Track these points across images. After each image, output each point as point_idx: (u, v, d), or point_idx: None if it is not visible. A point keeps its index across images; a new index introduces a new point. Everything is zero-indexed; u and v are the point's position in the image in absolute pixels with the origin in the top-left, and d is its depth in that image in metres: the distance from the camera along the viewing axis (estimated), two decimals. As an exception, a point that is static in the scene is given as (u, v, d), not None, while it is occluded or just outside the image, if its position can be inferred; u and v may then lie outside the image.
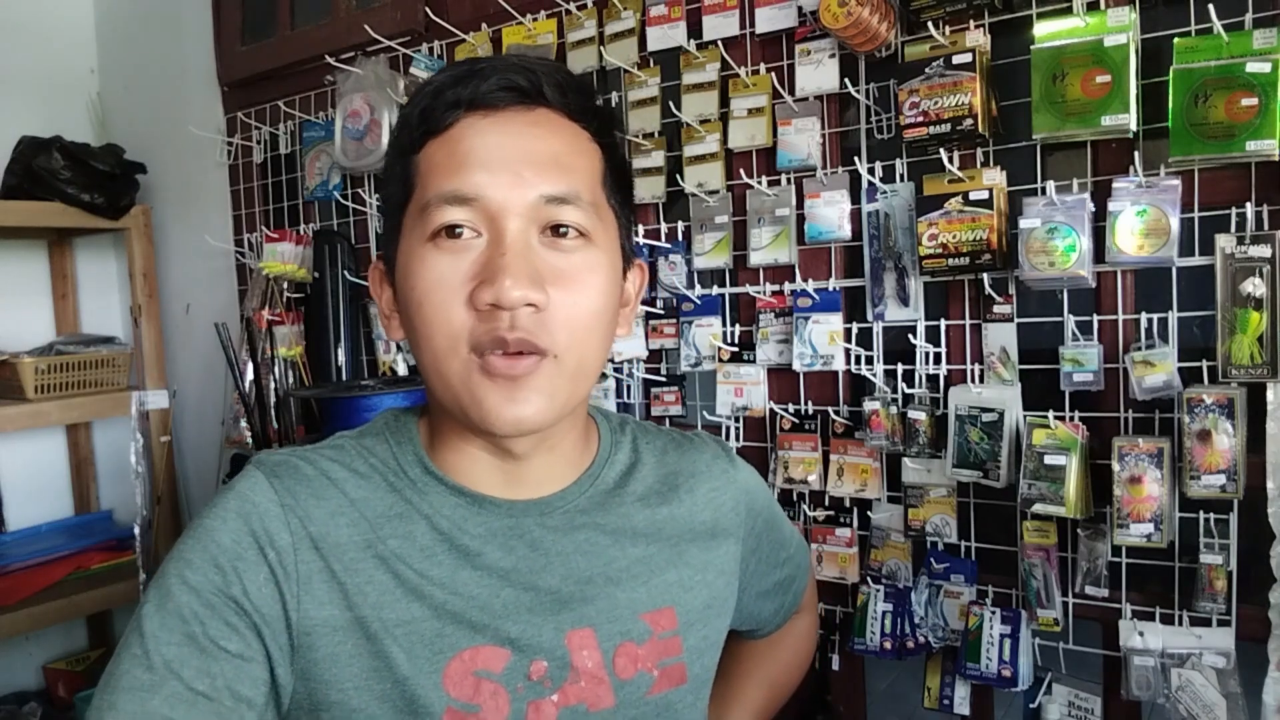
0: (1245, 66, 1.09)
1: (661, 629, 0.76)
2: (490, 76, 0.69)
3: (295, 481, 0.70)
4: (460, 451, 0.74)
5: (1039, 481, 1.23)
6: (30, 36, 2.51)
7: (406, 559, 0.69)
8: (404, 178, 0.71)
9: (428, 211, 0.68)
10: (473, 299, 0.66)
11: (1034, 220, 1.23)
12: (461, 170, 0.67)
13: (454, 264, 0.67)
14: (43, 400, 2.20)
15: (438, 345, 0.68)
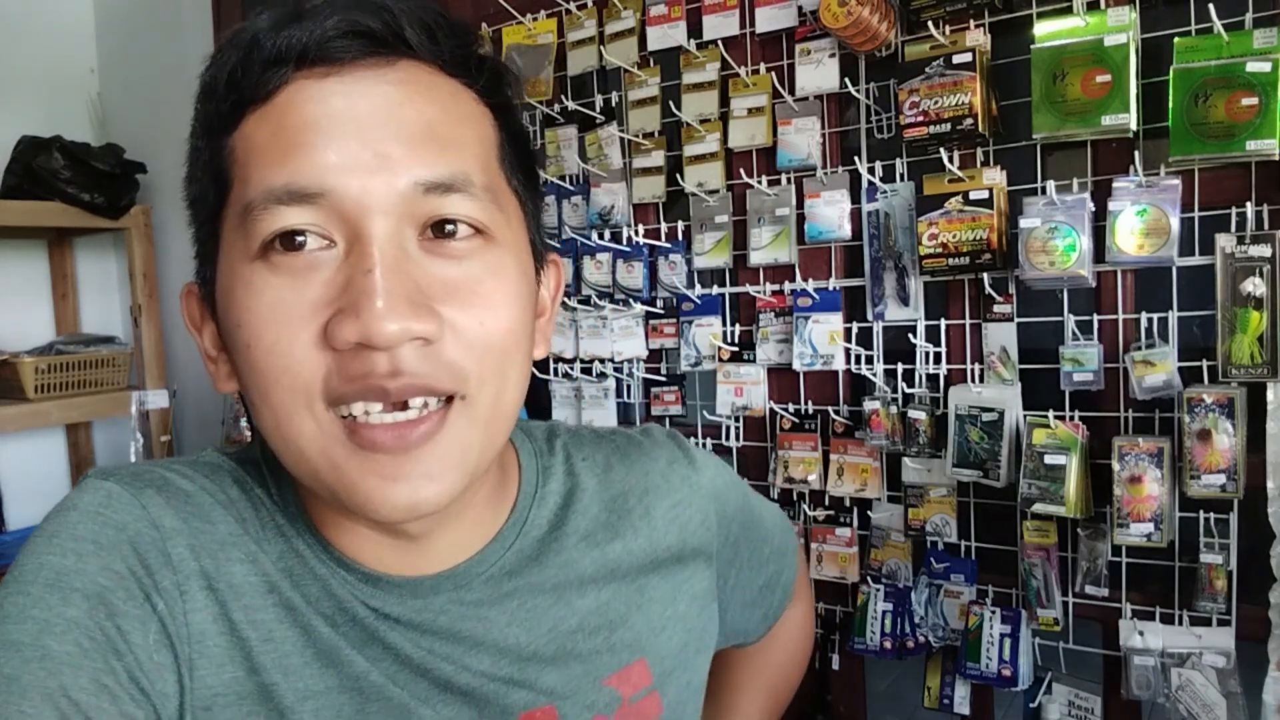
0: (1245, 66, 1.09)
1: (633, 689, 0.62)
2: (327, 18, 0.48)
3: (170, 496, 0.51)
4: (340, 522, 0.55)
5: (1039, 481, 1.23)
6: (30, 36, 2.51)
7: (315, 613, 0.53)
8: (215, 169, 0.51)
9: (252, 216, 0.48)
10: (328, 335, 0.47)
11: (1034, 220, 1.23)
12: (296, 153, 0.47)
13: (295, 287, 0.48)
14: (43, 400, 2.20)
15: (279, 402, 0.48)
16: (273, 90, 0.49)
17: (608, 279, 1.65)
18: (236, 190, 0.50)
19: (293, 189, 0.47)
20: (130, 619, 0.47)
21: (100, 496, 0.50)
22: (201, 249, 0.54)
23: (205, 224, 0.53)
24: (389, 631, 0.55)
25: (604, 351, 1.66)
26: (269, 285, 0.48)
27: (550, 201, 1.73)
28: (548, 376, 1.75)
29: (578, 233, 1.68)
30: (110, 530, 0.49)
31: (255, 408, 0.50)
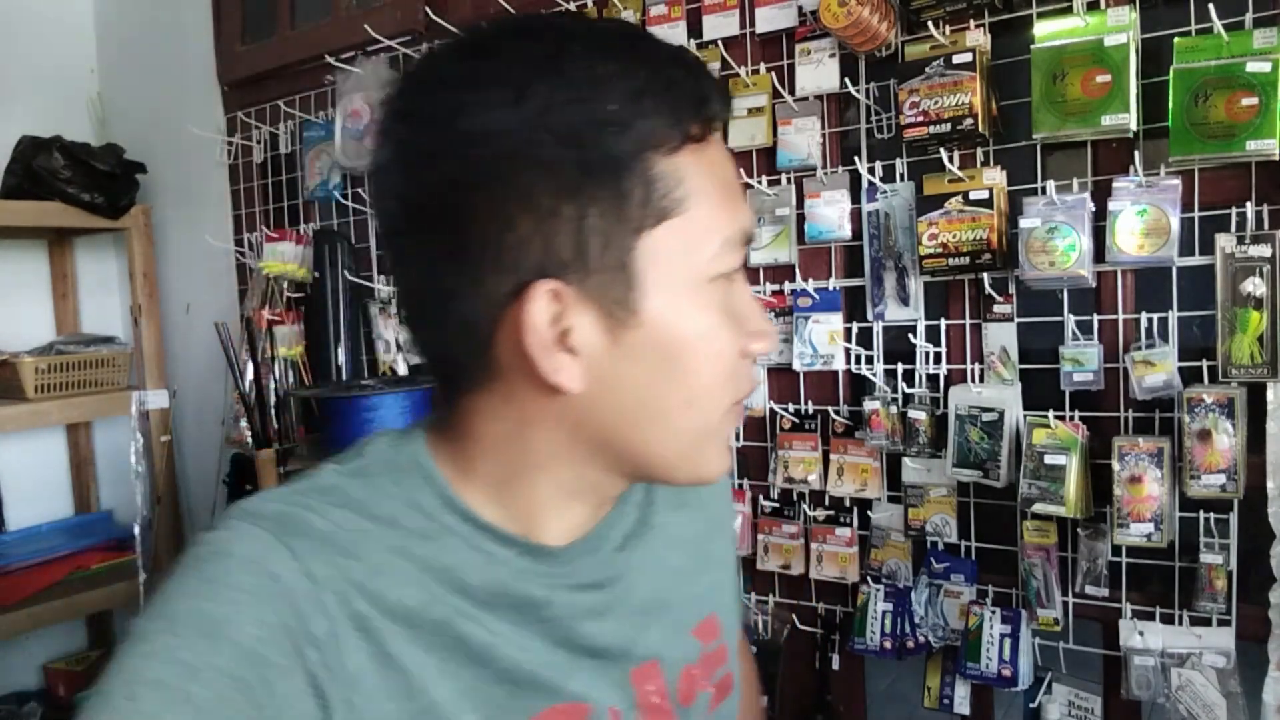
0: (1245, 66, 1.09)
1: (709, 640, 0.71)
2: (711, 82, 0.56)
3: (314, 542, 0.54)
4: (530, 499, 0.61)
5: (1039, 481, 1.23)
6: (30, 36, 2.51)
7: (468, 616, 0.57)
8: (645, 179, 0.53)
9: (717, 248, 0.56)
10: (744, 351, 0.59)
11: (1034, 220, 1.23)
12: (738, 200, 0.58)
13: (724, 308, 0.57)
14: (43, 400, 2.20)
15: (712, 400, 0.58)
16: (705, 136, 0.56)
17: (608, 279, 1.65)
18: (691, 216, 0.54)
19: (747, 233, 0.58)
20: (276, 670, 0.49)
21: (256, 546, 0.52)
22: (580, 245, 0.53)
23: (612, 223, 0.53)
24: (549, 595, 0.60)
25: (604, 351, 1.66)
26: (710, 307, 0.56)
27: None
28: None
29: (578, 233, 1.68)
30: (265, 581, 0.51)
31: (662, 404, 0.57)
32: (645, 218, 0.53)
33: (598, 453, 0.59)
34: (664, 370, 0.56)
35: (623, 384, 0.56)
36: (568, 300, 0.53)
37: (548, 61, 0.52)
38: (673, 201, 0.54)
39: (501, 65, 0.53)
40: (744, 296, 0.60)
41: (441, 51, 0.57)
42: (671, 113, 0.53)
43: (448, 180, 0.53)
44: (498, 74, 0.52)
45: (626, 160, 0.52)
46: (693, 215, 0.54)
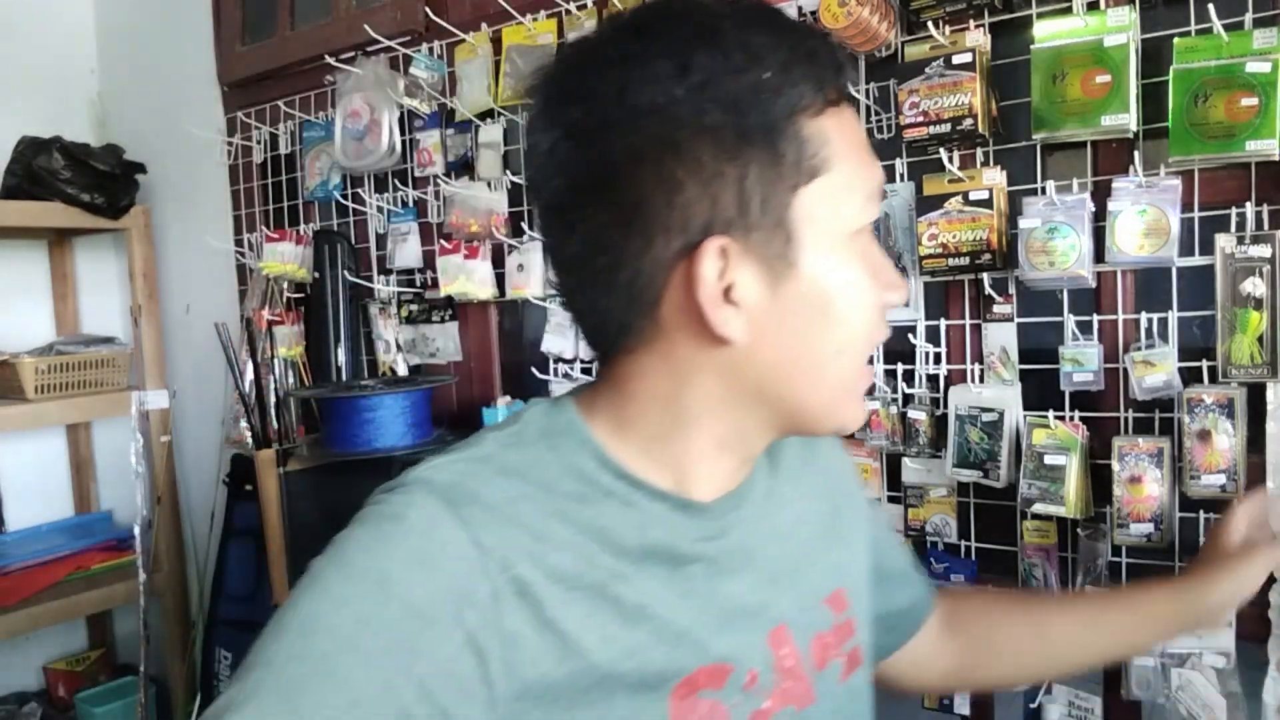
0: (1245, 66, 1.09)
1: (839, 611, 0.73)
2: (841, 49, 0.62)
3: (480, 510, 0.58)
4: (684, 453, 0.64)
5: (1039, 481, 1.23)
6: (30, 36, 2.51)
7: (624, 578, 0.60)
8: (797, 141, 0.58)
9: (861, 203, 0.61)
10: (883, 299, 0.63)
11: (1034, 220, 1.23)
12: (872, 158, 0.62)
13: (866, 260, 0.62)
14: (43, 400, 2.20)
15: (860, 349, 0.63)
16: (840, 100, 0.61)
17: (608, 279, 1.65)
18: (838, 173, 0.59)
19: (879, 191, 0.63)
20: (438, 628, 0.53)
21: (428, 514, 0.57)
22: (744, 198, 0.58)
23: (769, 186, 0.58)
24: (699, 552, 0.64)
25: (604, 352, 1.66)
26: (855, 259, 0.61)
27: (550, 202, 1.72)
28: (547, 377, 1.75)
29: (578, 233, 1.68)
30: (435, 547, 0.55)
31: (814, 353, 0.61)
32: (799, 176, 0.58)
33: (752, 404, 0.63)
34: (818, 320, 0.60)
35: (780, 334, 0.60)
36: (732, 256, 0.58)
37: (706, 38, 0.57)
38: (820, 160, 0.59)
39: (663, 44, 0.57)
40: (875, 250, 0.64)
41: (601, 35, 0.62)
42: (816, 79, 0.58)
43: (621, 152, 0.57)
44: (661, 51, 0.57)
45: (780, 124, 0.57)
46: (837, 172, 0.59)
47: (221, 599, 2.23)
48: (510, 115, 1.77)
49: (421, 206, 1.92)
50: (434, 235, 1.89)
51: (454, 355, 1.92)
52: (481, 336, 1.90)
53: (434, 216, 1.90)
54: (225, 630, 2.21)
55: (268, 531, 1.75)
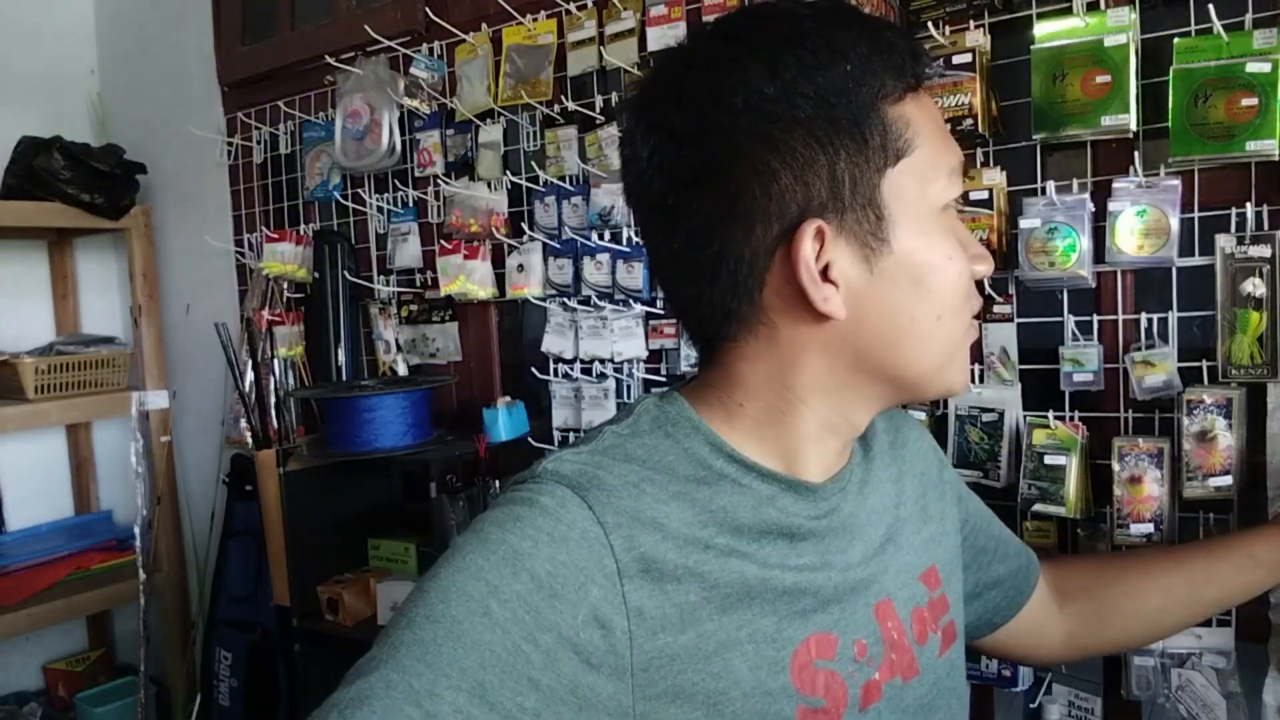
0: (1245, 66, 1.09)
1: (934, 587, 0.76)
2: (915, 40, 0.67)
3: (604, 493, 0.62)
4: (792, 436, 0.68)
5: (1039, 481, 1.23)
6: (30, 36, 2.52)
7: (741, 554, 0.64)
8: (881, 126, 0.62)
9: (949, 178, 0.66)
10: (974, 270, 0.67)
11: (1034, 220, 1.23)
12: (950, 138, 0.67)
13: (954, 233, 0.66)
14: (43, 400, 2.21)
15: (957, 315, 0.67)
16: (918, 86, 0.65)
17: (608, 279, 1.65)
18: (922, 152, 0.64)
19: (961, 168, 0.67)
20: (564, 601, 0.57)
21: (557, 498, 0.60)
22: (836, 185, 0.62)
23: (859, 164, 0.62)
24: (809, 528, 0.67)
25: (604, 352, 1.66)
26: (945, 233, 0.65)
27: (550, 202, 1.73)
28: (547, 377, 1.75)
29: (578, 233, 1.68)
30: (563, 526, 0.59)
31: (915, 323, 0.65)
32: (885, 158, 0.63)
33: (858, 376, 0.67)
34: (915, 291, 0.64)
35: (880, 308, 0.64)
36: (829, 236, 0.62)
37: (792, 38, 0.61)
38: (905, 142, 0.63)
39: (752, 46, 0.62)
40: (960, 225, 0.68)
41: (692, 44, 0.67)
42: (895, 69, 0.62)
43: (721, 149, 0.62)
44: (751, 54, 0.62)
45: (865, 111, 0.62)
46: (922, 152, 0.64)
47: (221, 599, 2.23)
48: (510, 115, 1.77)
49: (421, 207, 1.92)
50: (434, 235, 1.89)
51: (454, 355, 1.92)
52: (481, 337, 1.90)
53: (434, 217, 1.90)
54: (225, 630, 2.21)
55: (268, 531, 1.75)
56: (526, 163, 1.77)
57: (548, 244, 1.73)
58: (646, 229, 0.70)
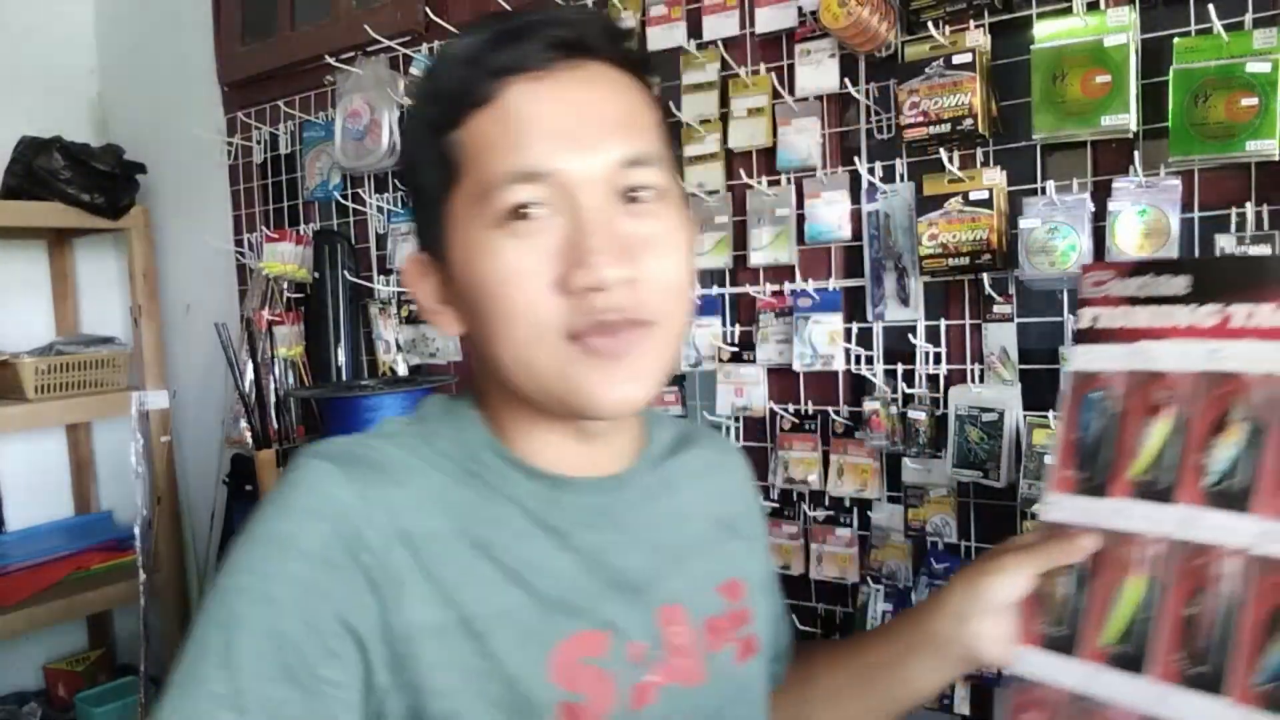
0: (1245, 66, 1.09)
1: (734, 599, 0.76)
2: (531, 36, 0.62)
3: (369, 470, 0.63)
4: (535, 436, 0.69)
5: (1039, 481, 1.23)
6: (30, 36, 2.51)
7: (501, 544, 0.64)
8: (444, 159, 0.64)
9: (490, 195, 0.61)
10: (564, 283, 0.60)
11: (1034, 220, 1.23)
12: (524, 144, 0.61)
13: (531, 247, 0.61)
14: (43, 400, 2.20)
15: (521, 335, 0.62)
16: (493, 95, 0.62)
17: (608, 279, 1.65)
18: (472, 175, 0.63)
19: (525, 171, 0.61)
20: (339, 570, 0.58)
21: (318, 473, 0.61)
22: (428, 224, 0.68)
23: (430, 204, 0.66)
24: (574, 526, 0.67)
25: (604, 352, 1.66)
26: (508, 247, 0.62)
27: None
28: (548, 377, 1.74)
29: (578, 233, 1.68)
30: (325, 500, 0.60)
31: (496, 342, 0.63)
32: (443, 187, 0.65)
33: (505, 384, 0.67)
34: (479, 309, 0.64)
35: (471, 324, 0.66)
36: (427, 262, 0.68)
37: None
38: (457, 166, 0.64)
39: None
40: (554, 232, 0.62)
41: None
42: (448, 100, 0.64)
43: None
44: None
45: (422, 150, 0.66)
46: (474, 172, 0.63)
47: (221, 599, 2.22)
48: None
49: (421, 206, 1.92)
50: (434, 235, 1.89)
51: (454, 355, 1.92)
52: (481, 336, 1.90)
53: (434, 216, 1.90)
54: (225, 630, 2.20)
55: (268, 531, 1.74)
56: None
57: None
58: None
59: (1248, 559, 0.58)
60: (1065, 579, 0.65)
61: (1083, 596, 0.64)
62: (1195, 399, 0.62)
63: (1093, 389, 0.67)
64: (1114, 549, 0.64)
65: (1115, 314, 0.67)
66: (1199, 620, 0.59)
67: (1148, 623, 0.61)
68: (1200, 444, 0.61)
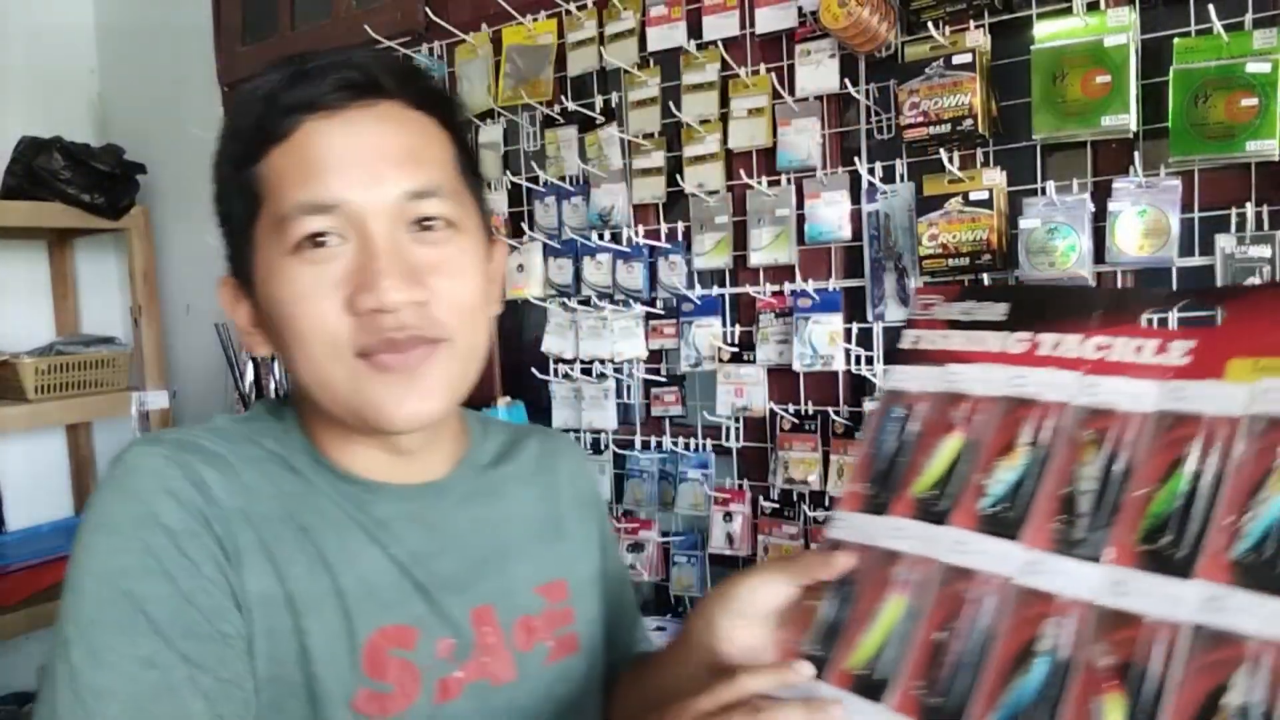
0: (1245, 67, 1.09)
1: (555, 600, 0.79)
2: (324, 76, 0.67)
3: (203, 457, 0.67)
4: (346, 448, 0.73)
5: (1039, 482, 1.23)
6: (30, 36, 2.51)
7: (322, 533, 0.68)
8: (246, 190, 0.69)
9: (285, 224, 0.66)
10: (352, 304, 0.65)
11: (1034, 220, 1.23)
12: (316, 177, 0.66)
13: (322, 272, 0.66)
14: (43, 400, 2.20)
15: (315, 354, 0.67)
16: (289, 131, 0.67)
17: (608, 280, 1.65)
18: (269, 206, 0.67)
19: (316, 203, 0.65)
20: (201, 538, 0.63)
21: (156, 459, 0.65)
22: (235, 251, 0.73)
23: (238, 232, 0.71)
24: (385, 528, 0.71)
25: (604, 352, 1.66)
26: (302, 273, 0.66)
27: (550, 202, 1.73)
28: (548, 377, 1.75)
29: (578, 233, 1.68)
30: (170, 482, 0.64)
31: (295, 361, 0.68)
32: (244, 218, 0.70)
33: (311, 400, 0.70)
34: (279, 330, 0.68)
35: (276, 345, 0.70)
36: (236, 287, 0.73)
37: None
38: (255, 198, 0.68)
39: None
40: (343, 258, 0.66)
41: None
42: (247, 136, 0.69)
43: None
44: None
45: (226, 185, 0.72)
46: (272, 203, 0.67)
47: (221, 599, 2.23)
48: (510, 115, 1.77)
49: (421, 207, 1.92)
50: (434, 235, 1.89)
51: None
52: (481, 337, 1.90)
53: (434, 217, 1.90)
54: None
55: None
56: (526, 163, 1.77)
57: (548, 244, 1.73)
58: None
59: (1007, 589, 0.55)
60: (831, 598, 0.62)
61: (844, 615, 0.61)
62: (989, 422, 0.61)
63: (896, 407, 0.66)
64: (881, 568, 0.61)
65: (935, 336, 0.67)
66: (947, 648, 0.55)
67: (899, 647, 0.57)
68: (985, 467, 0.59)
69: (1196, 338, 0.56)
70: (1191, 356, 0.55)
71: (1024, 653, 0.52)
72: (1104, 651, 0.50)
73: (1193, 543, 0.50)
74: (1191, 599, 0.48)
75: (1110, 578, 0.52)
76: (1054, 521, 0.55)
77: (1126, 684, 0.48)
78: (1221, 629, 0.47)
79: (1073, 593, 0.52)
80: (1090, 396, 0.57)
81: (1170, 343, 0.57)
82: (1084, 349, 0.59)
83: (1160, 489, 0.53)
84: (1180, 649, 0.47)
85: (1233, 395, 0.52)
